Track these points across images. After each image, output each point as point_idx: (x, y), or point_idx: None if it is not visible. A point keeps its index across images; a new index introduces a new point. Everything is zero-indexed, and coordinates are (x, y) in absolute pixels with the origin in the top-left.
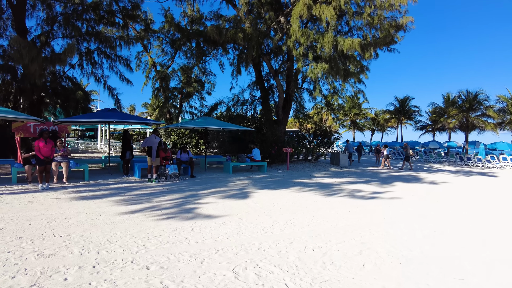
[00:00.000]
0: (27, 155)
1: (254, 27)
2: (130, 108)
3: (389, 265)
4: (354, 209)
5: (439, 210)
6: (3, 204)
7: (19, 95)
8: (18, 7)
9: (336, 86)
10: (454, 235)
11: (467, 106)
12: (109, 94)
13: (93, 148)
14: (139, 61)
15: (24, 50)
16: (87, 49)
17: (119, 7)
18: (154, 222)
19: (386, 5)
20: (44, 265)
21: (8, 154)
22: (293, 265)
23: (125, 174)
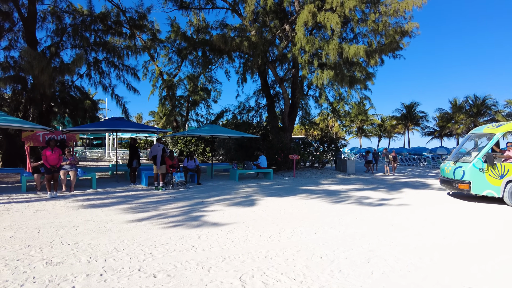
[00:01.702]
0: (36, 164)
1: (260, 36)
2: (137, 116)
3: (398, 273)
4: (361, 216)
5: (448, 216)
6: (12, 212)
7: (29, 104)
8: (29, 19)
9: (342, 93)
10: (464, 242)
11: (475, 111)
12: (117, 103)
13: (100, 156)
14: (146, 70)
15: (34, 61)
16: (95, 59)
17: (126, 18)
18: (161, 230)
19: (391, 12)
20: (52, 273)
21: (18, 163)
22: (301, 273)
23: (132, 182)
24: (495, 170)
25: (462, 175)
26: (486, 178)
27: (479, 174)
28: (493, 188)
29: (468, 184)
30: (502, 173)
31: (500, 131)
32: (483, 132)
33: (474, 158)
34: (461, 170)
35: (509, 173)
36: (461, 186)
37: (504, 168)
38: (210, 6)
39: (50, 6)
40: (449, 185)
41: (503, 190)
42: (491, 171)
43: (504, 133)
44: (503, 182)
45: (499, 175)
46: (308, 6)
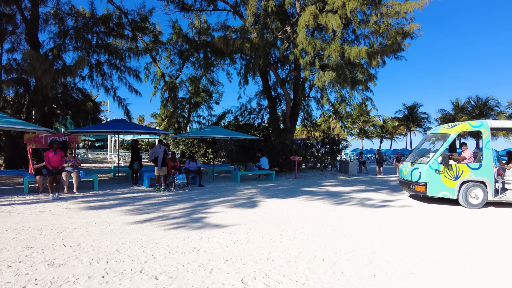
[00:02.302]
0: (38, 166)
1: (261, 37)
2: (139, 118)
3: (400, 275)
4: (364, 218)
5: (451, 218)
6: (15, 214)
7: (31, 107)
8: (31, 22)
9: (343, 94)
10: (467, 244)
11: (477, 112)
12: (119, 104)
13: (102, 158)
14: (148, 72)
15: (36, 63)
16: (97, 61)
17: (128, 20)
18: (162, 232)
19: (392, 13)
20: (54, 275)
21: (20, 165)
22: (303, 275)
23: (134, 184)
24: (450, 171)
25: (418, 176)
26: (441, 179)
27: (435, 176)
28: (448, 189)
29: (425, 186)
30: (456, 174)
31: (455, 131)
32: (439, 132)
33: (430, 159)
34: (417, 172)
35: (463, 174)
36: (417, 188)
37: (459, 169)
38: (211, 8)
39: (53, 8)
40: (406, 186)
41: (457, 192)
42: (447, 172)
43: (458, 133)
44: (457, 183)
45: (454, 176)
46: (310, 7)
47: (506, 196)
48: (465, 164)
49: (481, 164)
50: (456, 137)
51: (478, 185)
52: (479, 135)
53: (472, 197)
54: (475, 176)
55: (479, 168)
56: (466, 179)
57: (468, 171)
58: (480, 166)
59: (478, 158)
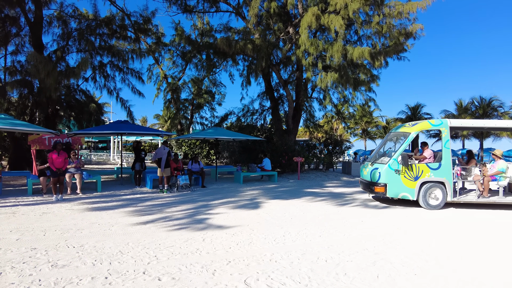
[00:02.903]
0: (42, 167)
1: (263, 38)
2: (142, 119)
3: (404, 276)
4: (367, 219)
5: (455, 219)
6: (19, 215)
7: (35, 108)
8: (35, 24)
9: (346, 95)
10: (472, 245)
11: (481, 113)
12: (122, 106)
13: (105, 159)
14: (151, 73)
15: (40, 65)
16: (100, 62)
17: (131, 22)
18: (165, 233)
19: (395, 13)
20: (57, 276)
21: (24, 166)
22: (306, 277)
23: (137, 185)
24: (410, 171)
25: (378, 177)
26: (401, 180)
27: (395, 176)
28: (408, 190)
29: (384, 187)
30: (416, 175)
31: (415, 130)
32: (400, 131)
33: (390, 159)
34: (377, 172)
35: (423, 175)
36: (377, 189)
37: (419, 169)
38: (214, 9)
39: (56, 11)
40: (367, 187)
41: (417, 192)
42: (406, 172)
43: (418, 132)
44: (417, 184)
45: (414, 177)
46: (312, 8)
47: (465, 197)
48: (425, 164)
49: (440, 164)
50: (416, 135)
51: (438, 185)
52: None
53: (432, 198)
54: (435, 176)
55: (439, 168)
56: (425, 179)
57: (428, 171)
58: (440, 166)
59: (438, 158)
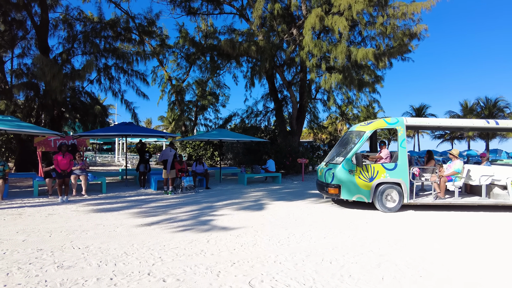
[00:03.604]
0: (48, 169)
1: (267, 40)
2: (147, 121)
3: (409, 278)
4: (371, 221)
5: (460, 220)
6: (25, 216)
7: (41, 110)
8: (41, 27)
9: (350, 96)
10: (477, 246)
11: (486, 114)
12: (126, 108)
13: (110, 161)
14: (155, 75)
15: (46, 67)
16: (105, 65)
17: (135, 24)
18: (170, 234)
19: (399, 14)
20: (63, 277)
21: (30, 168)
22: (310, 278)
23: (142, 186)
24: (365, 172)
25: (331, 178)
26: (356, 181)
27: (349, 177)
28: (363, 192)
29: (338, 188)
30: (371, 176)
31: (370, 129)
32: (356, 130)
33: (343, 159)
34: (331, 173)
35: (379, 175)
36: (331, 191)
37: (374, 170)
38: (217, 11)
39: (62, 14)
40: (321, 189)
41: (372, 194)
42: (361, 173)
43: (373, 130)
44: (372, 185)
45: (369, 178)
46: (316, 10)
47: (421, 198)
48: (380, 165)
49: (396, 165)
50: (371, 135)
51: (394, 187)
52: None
53: (388, 200)
54: (391, 177)
55: (395, 169)
56: (381, 180)
57: (383, 172)
58: (396, 166)
59: (395, 158)
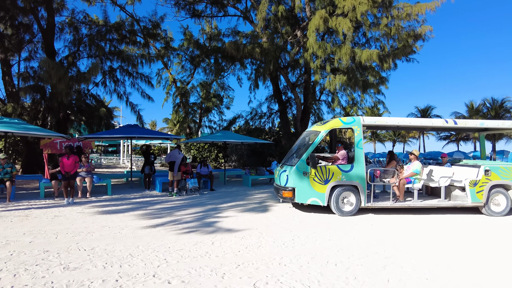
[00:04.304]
0: (54, 171)
1: (271, 42)
2: (152, 123)
3: (415, 281)
4: (377, 223)
5: (466, 222)
6: (32, 218)
7: (47, 113)
8: (47, 31)
9: (355, 97)
10: (484, 248)
11: (492, 114)
12: (131, 110)
13: (115, 163)
14: (160, 78)
15: (52, 70)
16: (110, 67)
17: (140, 27)
18: (175, 236)
19: (403, 15)
20: (69, 278)
21: (37, 170)
22: (315, 280)
23: (147, 188)
24: (320, 174)
25: (286, 180)
26: (310, 183)
27: (303, 179)
28: (317, 195)
29: (292, 191)
30: (327, 178)
31: (325, 129)
32: (312, 130)
33: (298, 160)
34: (285, 175)
35: (334, 177)
36: (285, 194)
37: (329, 172)
38: (222, 14)
39: (68, 17)
40: (277, 192)
41: (327, 197)
42: (316, 175)
43: (329, 130)
44: (327, 188)
45: (324, 180)
46: (320, 11)
47: (379, 202)
48: (335, 166)
49: (352, 166)
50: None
51: (350, 189)
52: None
53: (345, 203)
54: (347, 179)
55: (351, 171)
56: (336, 182)
57: (339, 174)
58: (352, 168)
59: (351, 159)
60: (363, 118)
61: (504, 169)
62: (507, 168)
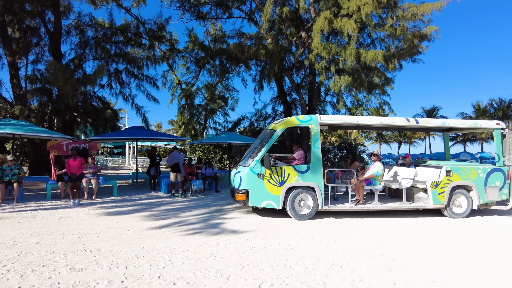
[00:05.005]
0: (60, 172)
1: (276, 43)
2: (157, 125)
3: (422, 283)
4: (383, 224)
5: (474, 224)
6: (39, 219)
7: (54, 115)
8: (54, 34)
9: (360, 98)
10: (493, 251)
11: (500, 115)
12: (137, 112)
13: (121, 164)
14: (165, 79)
15: (59, 73)
16: (115, 69)
17: (145, 29)
18: (180, 238)
19: (408, 16)
20: (76, 279)
21: (44, 171)
22: (321, 282)
23: (152, 189)
24: (275, 175)
25: (239, 182)
26: (265, 185)
27: (258, 181)
28: (272, 198)
29: (245, 194)
30: (282, 179)
31: (281, 127)
32: (269, 129)
33: (252, 161)
34: (238, 176)
35: (290, 179)
36: (238, 197)
37: (285, 173)
38: (226, 15)
39: (74, 20)
40: (232, 195)
41: (283, 200)
42: (271, 176)
43: (284, 128)
44: (283, 190)
45: (279, 182)
46: (324, 12)
47: (338, 204)
48: (291, 167)
49: (309, 167)
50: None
51: (307, 191)
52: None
53: (301, 206)
54: (303, 180)
55: (307, 171)
56: (292, 184)
57: (295, 175)
58: (308, 168)
59: (308, 160)
60: (320, 116)
61: (465, 169)
62: (468, 168)
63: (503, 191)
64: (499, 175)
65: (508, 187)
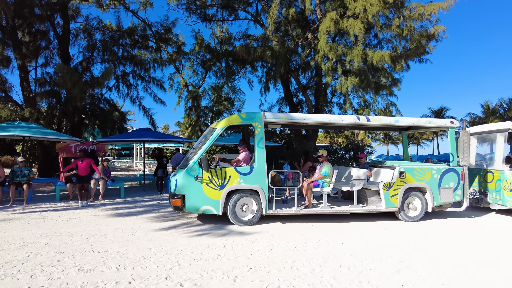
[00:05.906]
0: (69, 174)
1: (282, 45)
2: (164, 127)
3: (430, 286)
4: (390, 226)
5: (483, 225)
6: (47, 220)
7: (62, 117)
8: (63, 37)
9: (367, 99)
10: (503, 253)
11: (510, 115)
12: (144, 114)
13: (128, 166)
14: (172, 82)
15: (67, 75)
16: (123, 72)
17: (152, 32)
18: (187, 239)
19: (415, 16)
20: (84, 280)
21: (53, 173)
22: (328, 284)
23: (159, 191)
24: (215, 178)
25: (175, 186)
26: (203, 189)
27: (195, 184)
28: (211, 202)
29: (181, 199)
30: (223, 182)
31: (222, 125)
32: (210, 127)
33: (189, 162)
34: (174, 180)
35: (231, 181)
36: (173, 203)
37: (225, 175)
38: (232, 17)
39: (82, 24)
40: (169, 200)
41: (223, 204)
42: (210, 179)
43: (225, 127)
44: (223, 194)
45: (219, 185)
46: (331, 13)
47: (284, 208)
48: (233, 169)
49: (252, 168)
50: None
51: (250, 195)
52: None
53: (244, 211)
54: (245, 183)
55: (250, 173)
56: (234, 187)
57: (236, 177)
58: (252, 170)
59: (252, 161)
60: (264, 114)
61: (419, 170)
62: (422, 169)
63: (457, 192)
64: (453, 175)
65: (462, 188)
